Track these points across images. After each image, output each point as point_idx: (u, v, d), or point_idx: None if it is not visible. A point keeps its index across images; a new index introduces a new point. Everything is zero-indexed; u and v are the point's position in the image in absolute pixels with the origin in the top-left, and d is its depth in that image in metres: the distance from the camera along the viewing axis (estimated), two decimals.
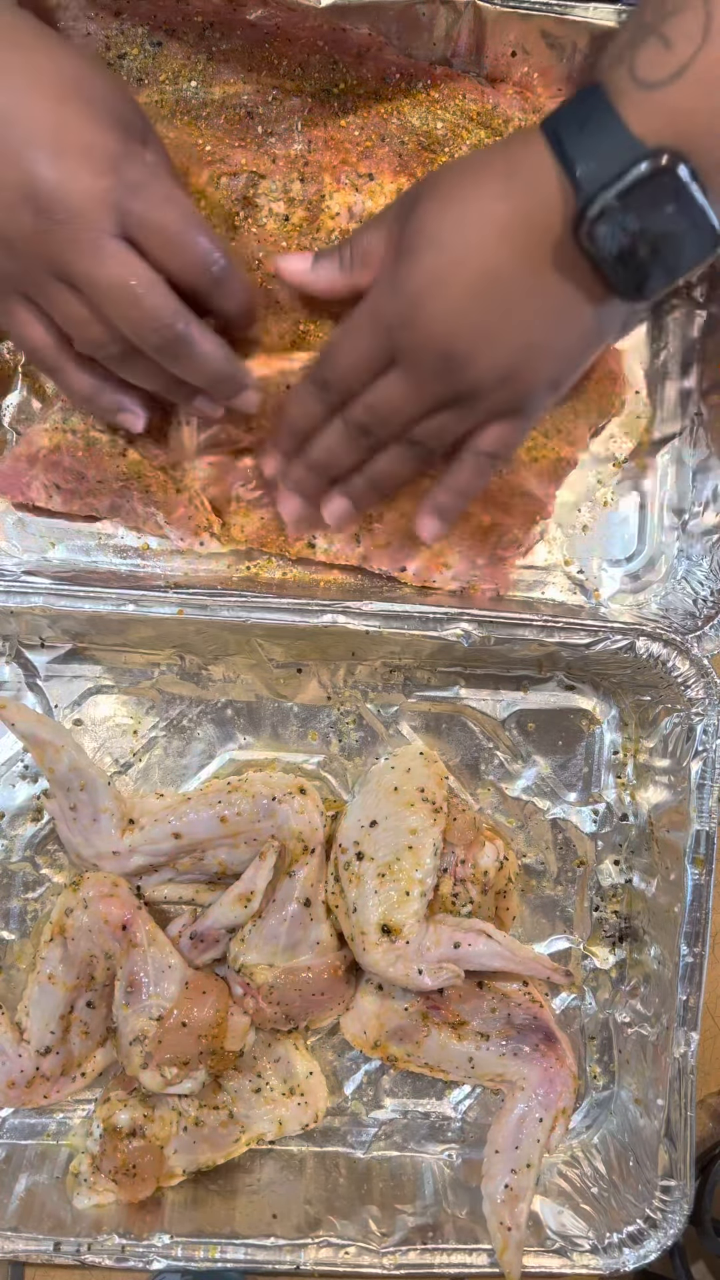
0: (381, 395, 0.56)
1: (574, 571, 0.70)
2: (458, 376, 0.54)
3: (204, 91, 0.62)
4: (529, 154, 0.51)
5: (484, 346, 0.53)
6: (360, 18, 0.60)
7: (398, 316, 0.53)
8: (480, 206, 0.52)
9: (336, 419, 0.58)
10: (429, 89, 0.62)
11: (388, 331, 0.54)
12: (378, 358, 0.55)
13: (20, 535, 0.67)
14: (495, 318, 0.52)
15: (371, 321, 0.54)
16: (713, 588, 0.69)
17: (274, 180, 0.62)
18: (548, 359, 0.55)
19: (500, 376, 0.54)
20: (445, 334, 0.53)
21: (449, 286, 0.52)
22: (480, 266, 0.52)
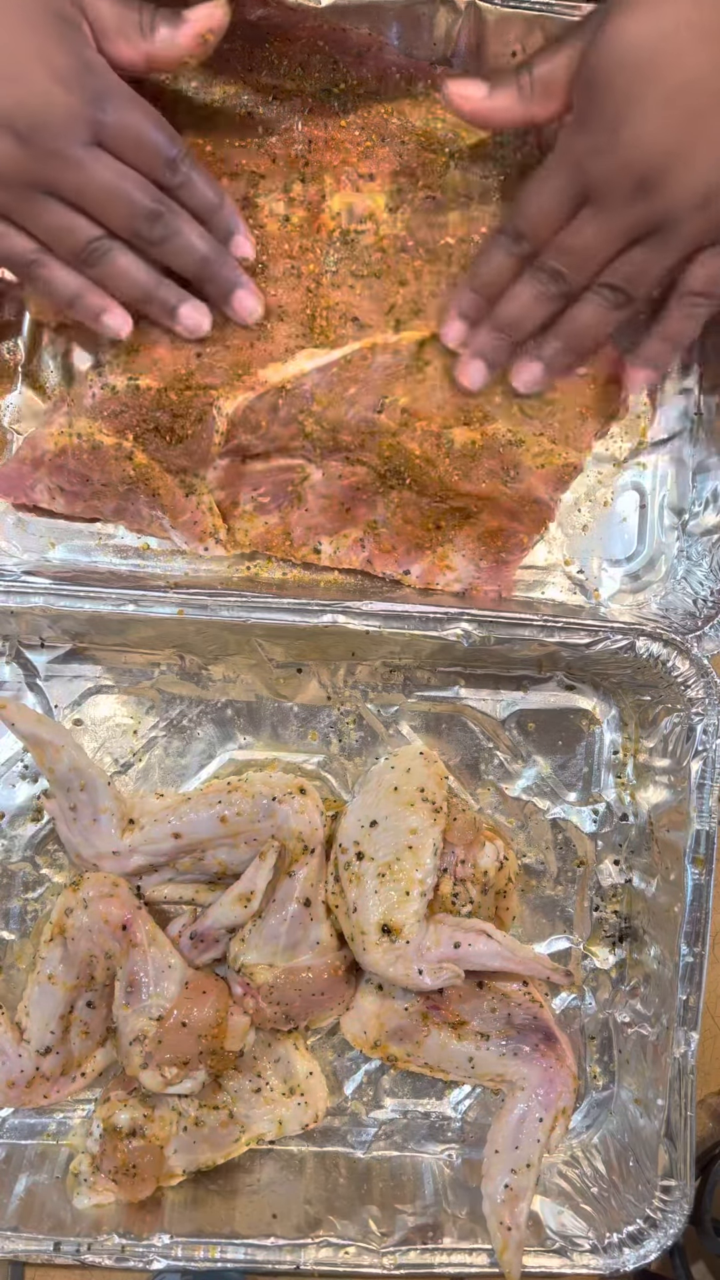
0: (575, 234, 0.53)
1: (574, 571, 0.70)
2: (655, 202, 0.51)
3: (204, 92, 0.62)
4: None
5: (684, 164, 0.50)
6: (360, 18, 0.60)
7: (589, 146, 0.51)
8: (674, 13, 0.49)
9: (527, 273, 0.56)
10: (429, 89, 0.62)
11: (579, 166, 0.52)
12: (572, 199, 0.53)
13: (20, 535, 0.67)
14: (692, 132, 0.50)
15: (560, 162, 0.52)
16: (713, 588, 0.69)
17: (274, 180, 0.62)
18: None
19: (700, 199, 0.51)
20: (641, 154, 0.50)
21: (645, 102, 0.49)
22: (676, 77, 0.49)
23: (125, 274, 0.56)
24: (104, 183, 0.53)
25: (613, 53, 0.50)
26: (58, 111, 0.51)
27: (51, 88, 0.50)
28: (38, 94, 0.50)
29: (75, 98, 0.51)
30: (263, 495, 0.66)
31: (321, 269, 0.62)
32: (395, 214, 0.62)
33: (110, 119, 0.52)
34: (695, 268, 0.55)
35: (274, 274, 0.62)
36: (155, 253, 0.56)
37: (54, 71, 0.50)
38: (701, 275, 0.55)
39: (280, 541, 0.67)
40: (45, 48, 0.50)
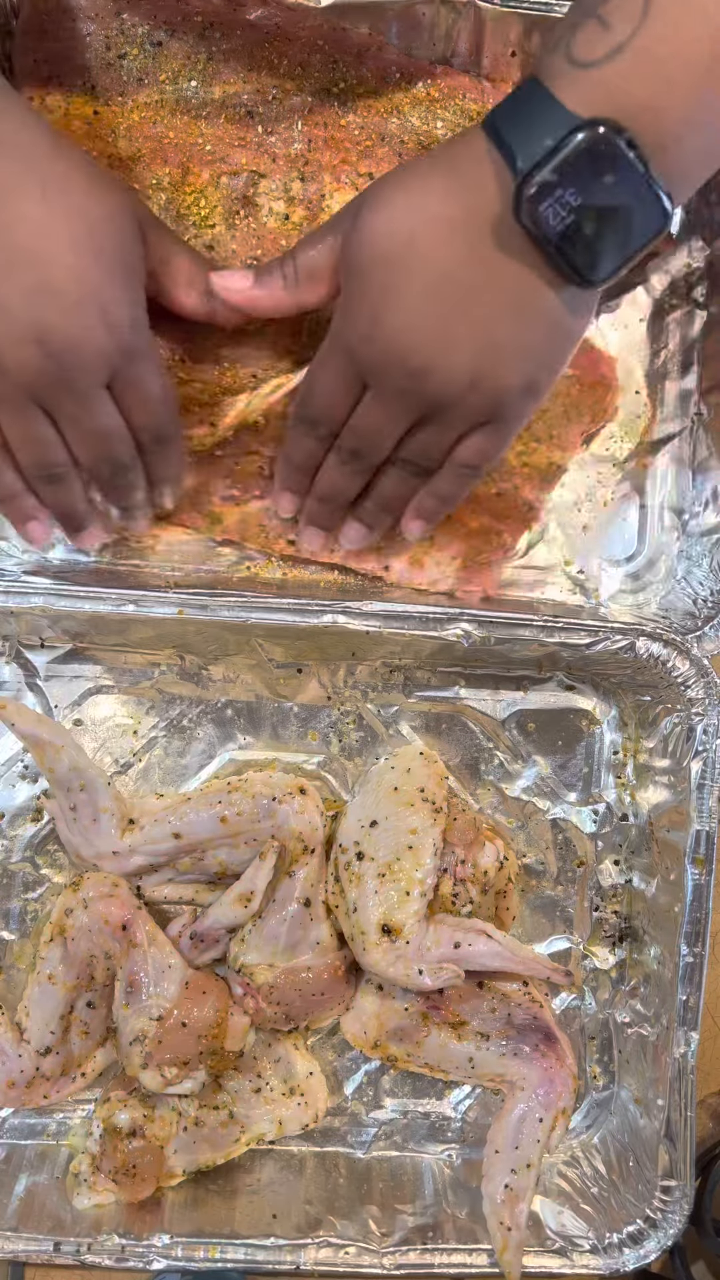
0: (362, 421, 0.56)
1: (574, 571, 0.70)
2: (425, 388, 0.53)
3: (204, 91, 0.62)
4: (469, 150, 0.50)
5: (445, 353, 0.52)
6: (360, 17, 0.60)
7: (357, 337, 0.53)
8: (424, 209, 0.50)
9: (331, 453, 0.59)
10: (429, 88, 0.62)
11: (351, 357, 0.54)
12: (351, 383, 0.55)
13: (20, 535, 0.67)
14: (451, 321, 0.51)
15: (335, 351, 0.55)
16: (713, 588, 0.69)
17: (274, 179, 0.62)
18: (514, 358, 0.53)
19: (467, 382, 0.53)
20: (405, 346, 0.52)
21: (403, 295, 0.51)
22: (430, 271, 0.50)
23: (69, 503, 0.59)
24: (96, 426, 0.55)
25: (368, 246, 0.51)
26: (91, 349, 0.52)
27: (95, 326, 0.51)
28: (82, 326, 0.51)
29: (111, 344, 0.52)
30: (234, 487, 0.66)
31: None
32: None
33: (129, 375, 0.54)
34: (469, 441, 0.57)
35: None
36: (101, 490, 0.60)
37: (104, 313, 0.51)
38: (472, 448, 0.57)
39: (256, 533, 0.67)
40: (105, 289, 0.51)
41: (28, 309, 0.51)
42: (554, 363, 0.55)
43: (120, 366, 0.54)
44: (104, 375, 0.53)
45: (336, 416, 0.57)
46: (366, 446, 0.57)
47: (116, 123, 0.61)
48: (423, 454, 0.58)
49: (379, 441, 0.57)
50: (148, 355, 0.55)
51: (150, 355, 0.55)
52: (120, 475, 0.58)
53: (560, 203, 0.47)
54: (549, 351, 0.54)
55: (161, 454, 0.59)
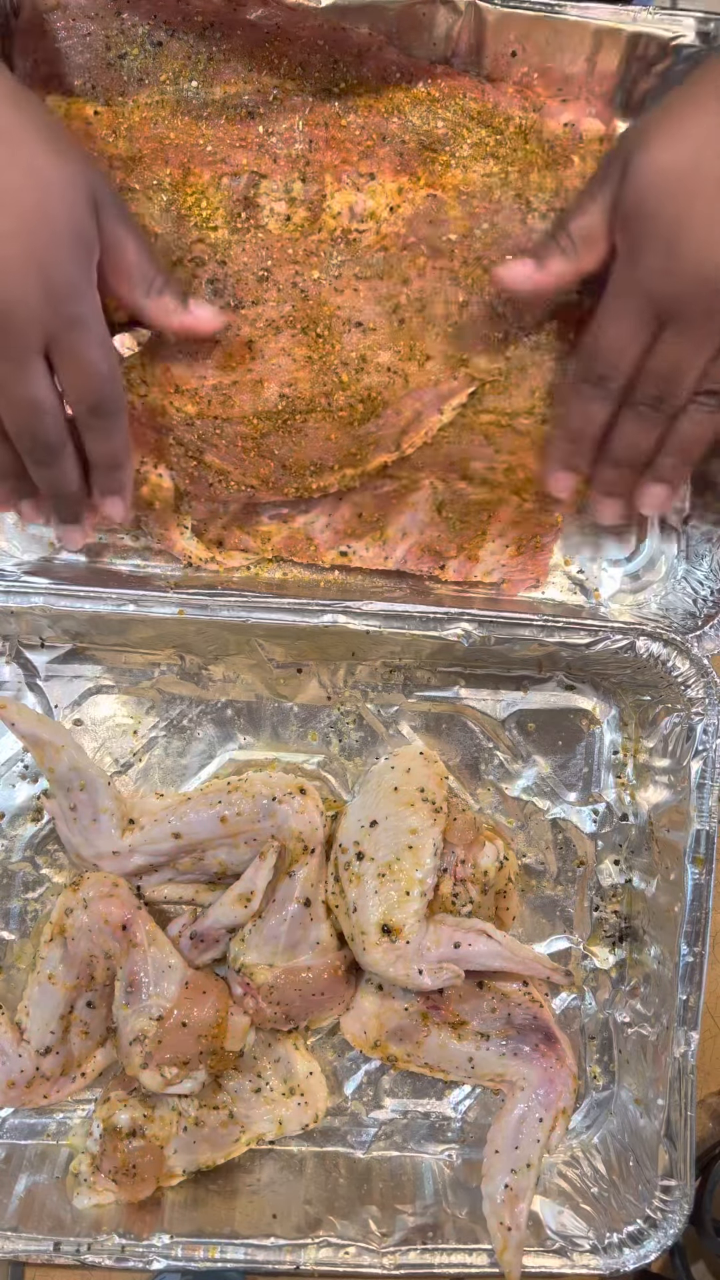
0: (664, 360, 0.55)
1: (574, 571, 0.70)
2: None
3: (204, 91, 0.61)
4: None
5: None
6: (360, 18, 0.60)
7: (653, 275, 0.53)
8: (703, 135, 0.51)
9: (626, 409, 0.57)
10: (429, 88, 0.62)
11: (647, 298, 0.53)
12: (646, 327, 0.54)
13: (20, 535, 0.67)
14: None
15: (626, 298, 0.54)
16: (713, 587, 0.69)
17: (275, 180, 0.62)
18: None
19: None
20: (707, 267, 0.52)
21: (696, 220, 0.51)
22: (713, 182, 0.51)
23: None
24: (26, 396, 0.53)
25: (650, 186, 0.52)
26: (25, 312, 0.51)
27: (32, 289, 0.50)
28: (17, 288, 0.50)
29: (48, 309, 0.51)
30: (280, 506, 0.66)
31: (324, 273, 0.62)
32: (396, 213, 0.62)
33: (66, 344, 0.52)
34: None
35: (276, 280, 0.62)
36: (27, 465, 0.57)
37: (44, 276, 0.50)
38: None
39: (304, 546, 0.67)
40: (48, 252, 0.50)
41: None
42: None
43: (57, 334, 0.52)
44: (38, 341, 0.52)
45: (628, 367, 0.56)
46: (671, 387, 0.56)
47: (117, 123, 0.61)
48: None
49: (683, 378, 0.55)
50: (89, 326, 0.53)
51: (92, 326, 0.53)
52: (44, 452, 0.56)
53: None
54: None
55: (99, 430, 0.56)
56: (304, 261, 0.62)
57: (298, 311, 0.62)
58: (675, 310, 0.54)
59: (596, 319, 0.56)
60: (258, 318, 0.62)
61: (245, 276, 0.62)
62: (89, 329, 0.53)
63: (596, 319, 0.56)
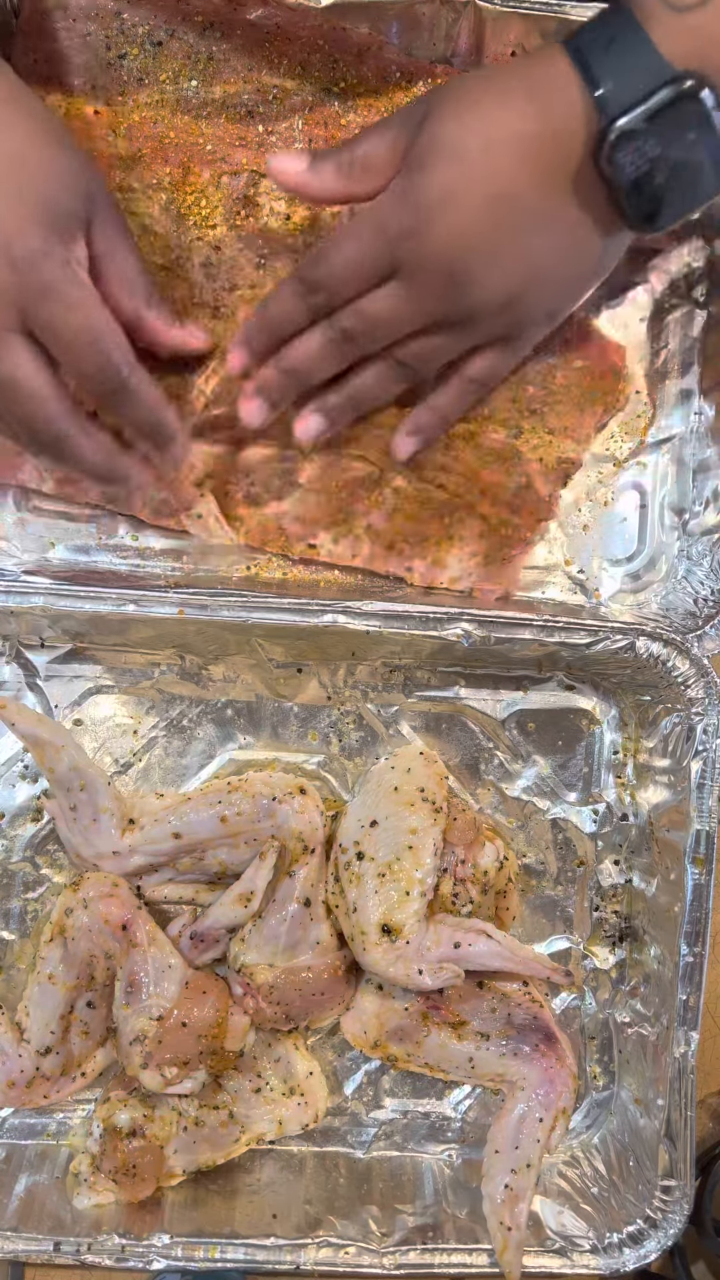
0: (377, 305, 0.54)
1: (574, 571, 0.70)
2: (460, 297, 0.53)
3: (204, 91, 0.62)
4: (553, 73, 0.50)
5: (492, 269, 0.52)
6: (360, 17, 0.60)
7: (407, 226, 0.52)
8: (503, 123, 0.50)
9: (320, 324, 0.56)
10: (429, 87, 0.62)
11: (392, 241, 0.52)
12: (376, 267, 0.53)
13: (20, 535, 0.67)
14: (507, 241, 0.51)
15: (376, 228, 0.53)
16: (713, 587, 0.69)
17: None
18: (551, 288, 0.54)
19: (503, 302, 0.53)
20: (455, 251, 0.52)
21: (464, 201, 0.51)
22: (498, 186, 0.51)
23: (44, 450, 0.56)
24: (5, 378, 0.52)
25: (439, 144, 0.51)
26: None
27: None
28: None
29: (16, 279, 0.50)
30: (253, 485, 0.66)
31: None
32: None
33: (44, 314, 0.51)
34: (478, 358, 0.57)
35: (278, 275, 0.62)
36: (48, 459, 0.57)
37: (5, 251, 0.49)
38: (483, 366, 0.58)
39: (275, 536, 0.67)
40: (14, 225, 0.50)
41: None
42: (580, 296, 0.57)
43: (29, 308, 0.51)
44: (9, 319, 0.51)
45: (343, 292, 0.55)
46: (367, 331, 0.55)
47: (117, 123, 0.61)
48: (424, 359, 0.56)
49: (383, 331, 0.55)
50: (63, 292, 0.51)
51: (69, 293, 0.51)
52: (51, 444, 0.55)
53: (639, 151, 0.48)
54: (581, 287, 0.56)
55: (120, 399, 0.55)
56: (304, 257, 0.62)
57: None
58: (409, 271, 0.53)
59: (344, 229, 0.55)
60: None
61: (244, 274, 0.62)
62: (65, 296, 0.51)
63: (344, 229, 0.55)
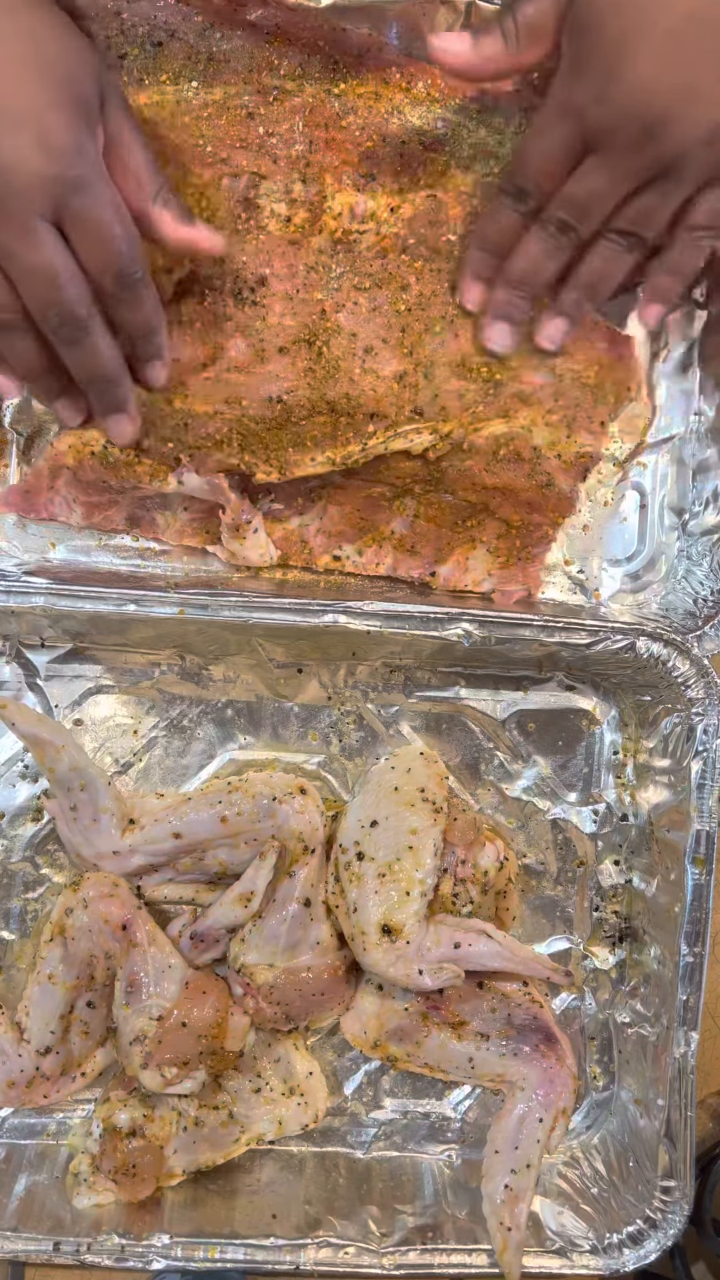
0: (582, 185, 0.52)
1: (574, 571, 0.70)
2: (662, 144, 0.50)
3: (204, 92, 0.62)
4: None
5: (687, 102, 0.49)
6: (360, 18, 0.60)
7: (589, 94, 0.50)
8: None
9: (534, 227, 0.55)
10: (429, 88, 0.62)
11: (580, 116, 0.51)
12: (573, 150, 0.52)
13: (20, 535, 0.67)
14: (696, 67, 0.49)
15: (560, 111, 0.51)
16: (713, 587, 0.69)
17: (275, 181, 0.62)
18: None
19: (706, 135, 0.50)
20: (644, 98, 0.49)
21: (641, 44, 0.48)
22: (671, 15, 0.48)
23: (25, 356, 0.55)
24: (37, 263, 0.51)
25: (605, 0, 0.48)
26: (25, 173, 0.49)
27: (29, 147, 0.49)
28: (13, 146, 0.49)
29: (49, 169, 0.49)
30: (274, 502, 0.66)
31: (325, 288, 0.62)
32: (397, 213, 0.62)
33: (76, 207, 0.51)
34: (700, 202, 0.54)
35: (275, 292, 0.62)
36: (58, 349, 0.55)
37: (42, 135, 0.49)
38: (706, 209, 0.55)
39: (298, 550, 0.67)
40: (46, 111, 0.49)
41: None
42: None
43: (63, 197, 0.50)
44: (43, 204, 0.50)
45: (548, 185, 0.53)
46: (582, 216, 0.53)
47: None
48: (645, 221, 0.54)
49: (596, 210, 0.53)
50: (96, 187, 0.50)
51: (99, 188, 0.50)
52: (71, 327, 0.53)
53: None
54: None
55: (126, 299, 0.54)
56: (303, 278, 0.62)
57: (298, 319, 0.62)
58: (603, 139, 0.51)
59: (530, 130, 0.53)
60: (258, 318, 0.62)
61: (245, 275, 0.62)
62: (96, 190, 0.50)
63: (530, 130, 0.53)
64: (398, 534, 0.66)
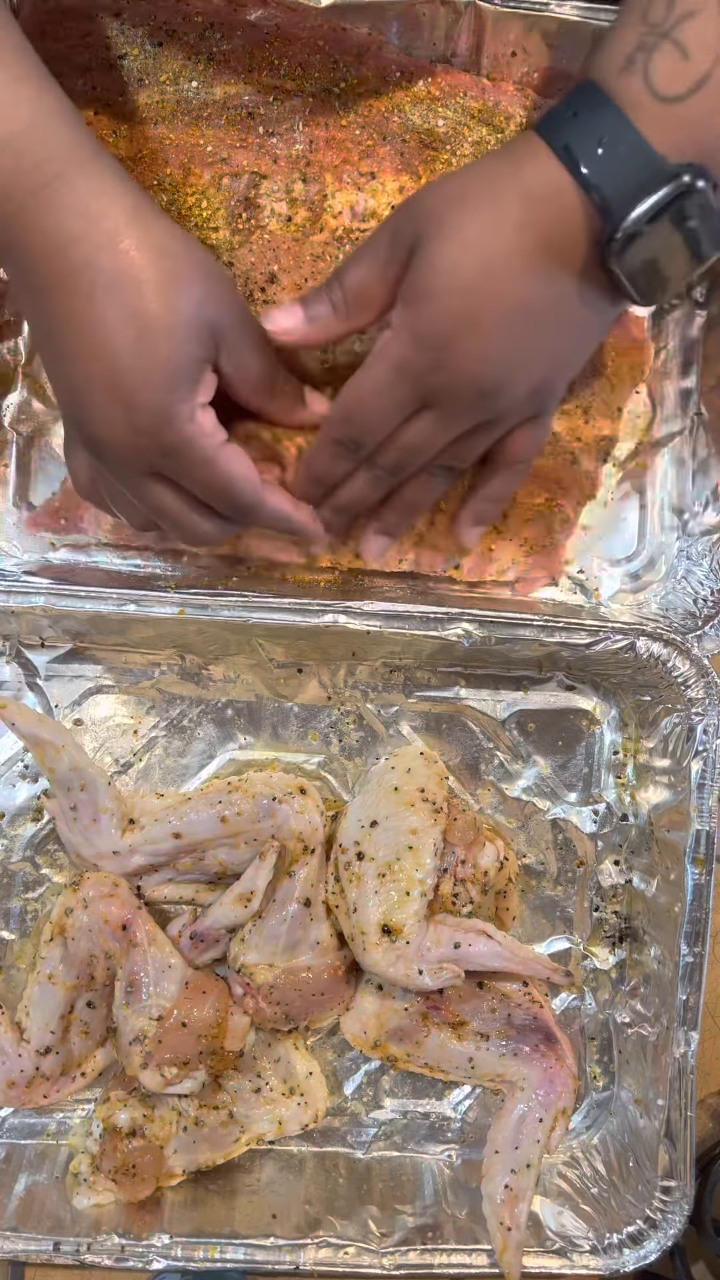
0: (416, 437, 0.55)
1: (574, 571, 0.70)
2: (493, 404, 0.54)
3: (205, 92, 0.62)
4: (542, 174, 0.49)
5: (514, 370, 0.53)
6: (360, 17, 0.60)
7: (429, 363, 0.52)
8: (499, 240, 0.50)
9: (365, 467, 0.58)
10: (430, 87, 0.62)
11: (417, 379, 0.53)
12: (404, 406, 0.54)
13: (20, 535, 0.67)
14: (525, 343, 0.52)
15: (397, 372, 0.53)
16: (713, 587, 0.69)
17: (276, 180, 0.62)
18: (570, 364, 0.57)
19: (531, 392, 0.55)
20: (479, 372, 0.52)
21: (479, 326, 0.51)
22: (507, 301, 0.50)
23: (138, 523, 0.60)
24: (156, 507, 0.56)
25: (441, 276, 0.50)
26: (121, 448, 0.52)
27: (120, 428, 0.52)
28: (106, 427, 0.52)
29: (140, 442, 0.52)
30: None
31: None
32: None
33: (172, 469, 0.54)
34: (516, 440, 0.58)
35: (283, 284, 0.62)
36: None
37: (130, 418, 0.51)
38: (523, 443, 0.59)
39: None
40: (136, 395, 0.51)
41: (69, 406, 0.53)
42: (588, 355, 0.59)
43: (157, 462, 0.53)
44: (143, 467, 0.54)
45: (378, 436, 0.56)
46: (412, 460, 0.57)
47: (117, 124, 0.61)
48: (466, 456, 0.58)
49: (426, 454, 0.57)
50: (186, 454, 0.53)
51: (191, 453, 0.53)
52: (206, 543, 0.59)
53: (643, 246, 0.48)
54: (592, 349, 0.59)
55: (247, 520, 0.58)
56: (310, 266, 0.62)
57: None
58: (441, 399, 0.53)
59: (360, 379, 0.54)
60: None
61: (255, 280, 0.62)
62: (186, 454, 0.53)
63: (360, 379, 0.54)
64: (420, 529, 0.66)
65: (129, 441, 0.52)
